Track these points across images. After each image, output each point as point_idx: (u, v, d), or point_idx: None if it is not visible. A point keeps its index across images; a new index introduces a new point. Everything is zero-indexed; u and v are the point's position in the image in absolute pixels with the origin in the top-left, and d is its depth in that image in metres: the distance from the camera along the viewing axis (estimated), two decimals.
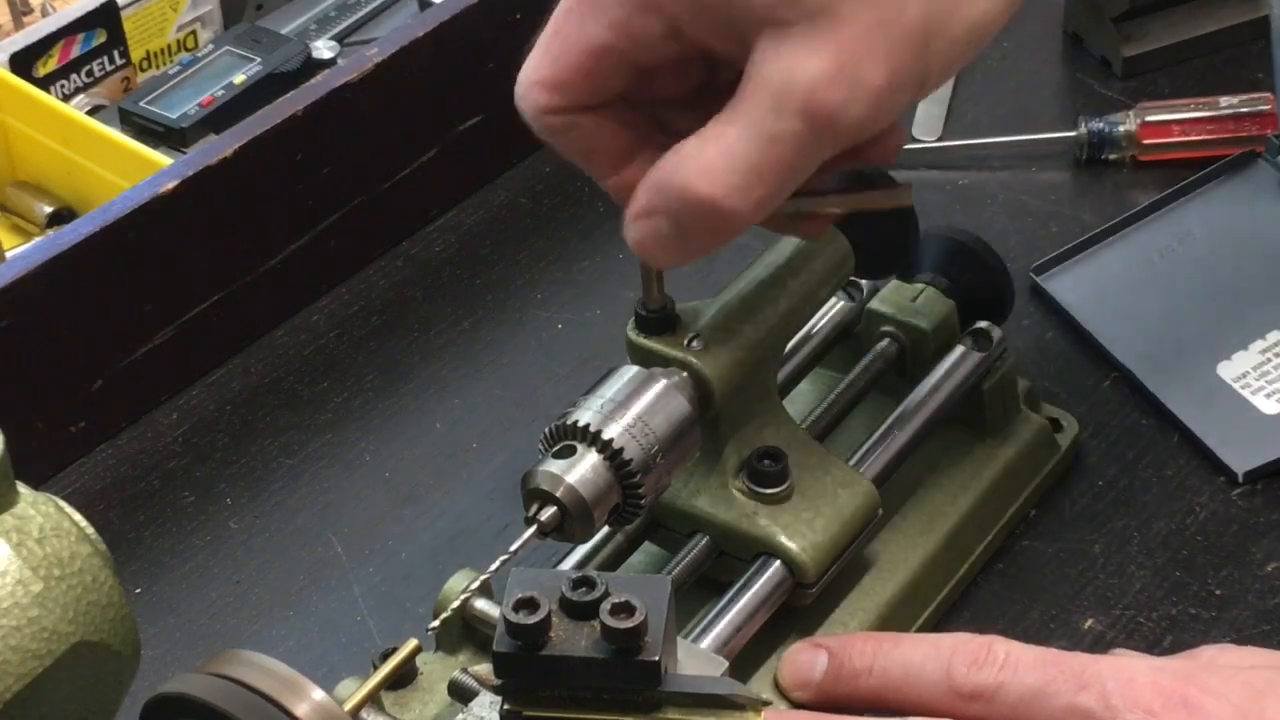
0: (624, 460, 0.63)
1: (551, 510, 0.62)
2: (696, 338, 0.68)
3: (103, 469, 0.85)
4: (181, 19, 1.06)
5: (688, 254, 0.63)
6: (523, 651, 0.59)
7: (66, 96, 1.01)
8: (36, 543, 0.54)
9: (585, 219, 0.96)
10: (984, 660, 0.64)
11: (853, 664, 0.66)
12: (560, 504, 0.62)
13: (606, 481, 0.63)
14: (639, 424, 0.64)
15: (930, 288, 0.78)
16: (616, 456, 0.63)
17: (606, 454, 0.63)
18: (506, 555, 0.63)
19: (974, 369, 0.76)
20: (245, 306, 0.89)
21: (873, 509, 0.71)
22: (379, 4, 1.11)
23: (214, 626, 0.77)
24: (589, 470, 0.63)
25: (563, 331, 0.90)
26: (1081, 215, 0.91)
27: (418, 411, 0.87)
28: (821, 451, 0.71)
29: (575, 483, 0.62)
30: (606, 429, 0.63)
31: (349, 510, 0.82)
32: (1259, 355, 0.83)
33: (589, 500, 0.62)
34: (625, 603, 0.59)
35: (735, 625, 0.67)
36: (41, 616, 0.53)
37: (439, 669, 0.68)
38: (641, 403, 0.65)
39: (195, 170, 0.85)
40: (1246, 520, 0.78)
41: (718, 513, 0.69)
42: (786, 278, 0.70)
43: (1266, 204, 0.90)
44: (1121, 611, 0.75)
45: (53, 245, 0.81)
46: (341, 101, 0.89)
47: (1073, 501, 0.79)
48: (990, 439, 0.77)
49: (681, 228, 0.61)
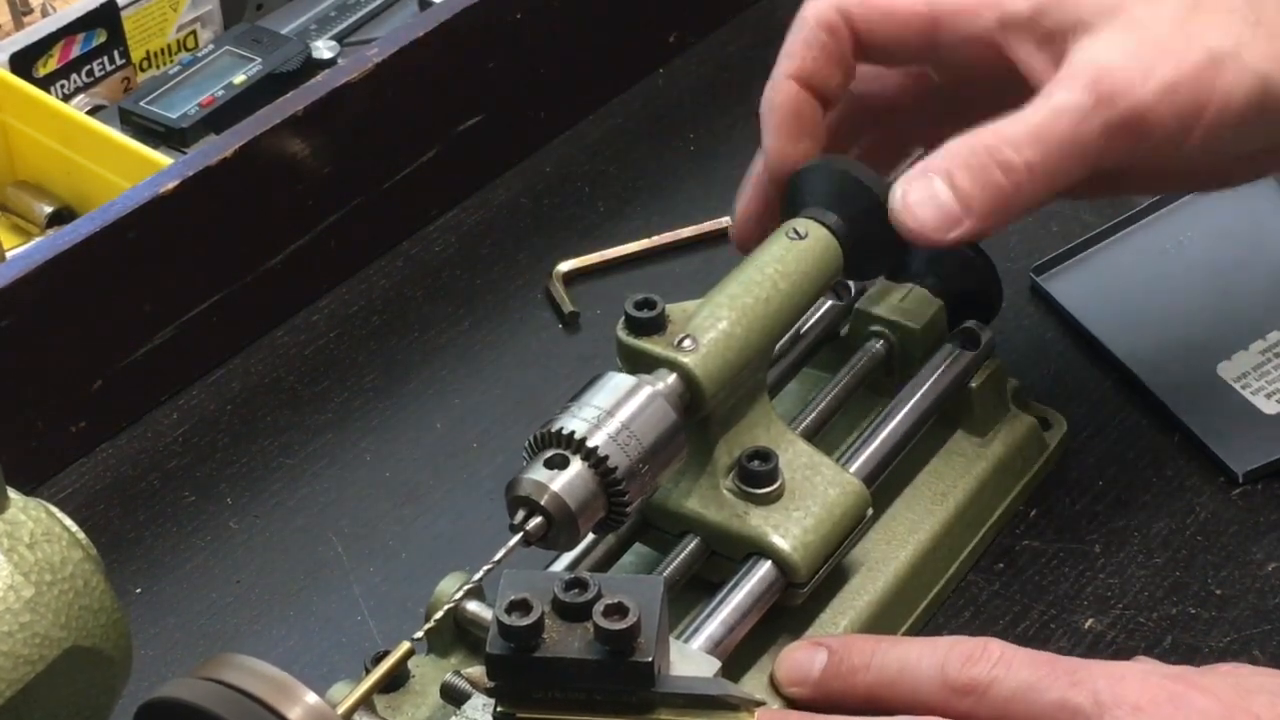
0: (610, 469, 0.63)
1: (537, 520, 0.62)
2: (686, 338, 0.68)
3: (103, 469, 0.85)
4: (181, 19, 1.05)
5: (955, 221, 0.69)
6: (516, 653, 0.59)
7: (66, 96, 1.00)
8: (28, 548, 0.54)
9: (585, 219, 0.96)
10: (979, 657, 0.64)
11: (851, 661, 0.67)
12: (546, 512, 0.62)
13: (592, 490, 0.63)
14: (625, 432, 0.64)
15: (918, 287, 0.78)
16: (602, 465, 0.63)
17: (592, 462, 0.63)
18: (490, 565, 0.63)
19: (962, 368, 0.76)
20: (245, 306, 0.89)
21: (863, 508, 0.71)
22: (379, 4, 1.10)
23: (214, 626, 0.77)
24: (575, 479, 0.63)
25: (563, 331, 0.90)
26: (1081, 215, 0.91)
27: (418, 411, 0.87)
28: (811, 451, 0.71)
29: (560, 491, 0.62)
30: (592, 437, 0.63)
31: (349, 510, 0.82)
32: (1259, 355, 0.83)
33: (574, 509, 0.62)
34: (618, 604, 0.59)
35: (727, 625, 0.67)
36: (33, 622, 0.53)
37: (431, 671, 0.68)
38: (627, 410, 0.65)
39: (195, 170, 0.85)
40: (1246, 520, 0.78)
41: (708, 513, 0.69)
42: (775, 278, 0.70)
43: (1266, 204, 0.89)
44: (1121, 611, 0.75)
45: (53, 245, 0.81)
46: (341, 101, 0.89)
47: (1072, 501, 0.79)
48: (979, 437, 0.78)
49: (963, 186, 0.69)
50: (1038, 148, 0.68)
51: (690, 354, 0.67)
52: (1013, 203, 0.69)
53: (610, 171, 0.99)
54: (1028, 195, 0.69)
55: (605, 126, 1.02)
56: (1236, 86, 0.68)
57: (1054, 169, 0.69)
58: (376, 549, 0.80)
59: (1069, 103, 0.68)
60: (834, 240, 0.72)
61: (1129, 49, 0.68)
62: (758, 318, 0.69)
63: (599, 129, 1.02)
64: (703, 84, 1.04)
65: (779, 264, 0.71)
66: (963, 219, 0.69)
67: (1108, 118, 0.68)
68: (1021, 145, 0.68)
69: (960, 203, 0.69)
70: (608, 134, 1.01)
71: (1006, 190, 0.69)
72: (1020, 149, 0.68)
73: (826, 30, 0.73)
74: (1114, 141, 0.68)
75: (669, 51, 1.05)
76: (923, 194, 0.69)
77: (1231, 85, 0.68)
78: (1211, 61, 0.68)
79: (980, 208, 0.69)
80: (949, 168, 0.69)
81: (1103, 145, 0.68)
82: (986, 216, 0.69)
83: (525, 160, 1.00)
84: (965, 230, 0.69)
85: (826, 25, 0.73)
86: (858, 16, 0.73)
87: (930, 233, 0.69)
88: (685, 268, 0.93)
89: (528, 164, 1.00)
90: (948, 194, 0.69)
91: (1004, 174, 0.68)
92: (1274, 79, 0.68)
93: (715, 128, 1.01)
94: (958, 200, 0.69)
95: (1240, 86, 0.68)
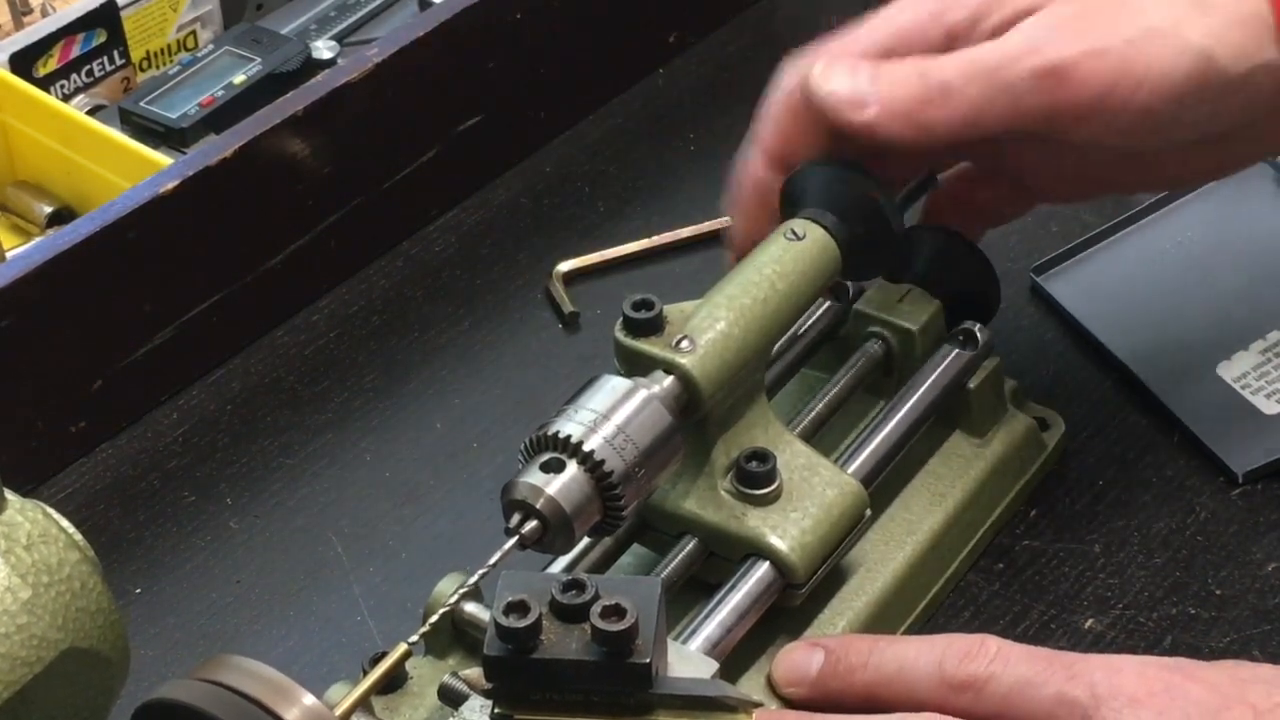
0: (605, 472, 0.63)
1: (533, 524, 0.62)
2: (684, 339, 0.68)
3: (103, 469, 0.85)
4: (181, 19, 1.05)
5: (862, 103, 0.71)
6: (513, 655, 0.59)
7: (66, 96, 1.00)
8: (25, 549, 0.54)
9: (585, 219, 0.96)
10: (976, 653, 0.65)
11: (849, 660, 0.67)
12: (541, 516, 0.62)
13: (587, 494, 0.63)
14: (620, 435, 0.64)
15: (917, 288, 0.78)
16: (598, 469, 0.63)
17: (588, 466, 0.63)
18: (486, 568, 0.63)
19: (961, 369, 0.76)
20: (245, 306, 0.89)
21: (861, 509, 0.71)
22: (379, 4, 1.10)
23: (214, 626, 0.77)
24: (570, 482, 0.63)
25: (563, 331, 0.90)
26: (1081, 215, 0.91)
27: (418, 411, 0.87)
28: (809, 452, 0.71)
29: (556, 495, 0.62)
30: (588, 441, 0.63)
31: (349, 510, 0.82)
32: (1259, 355, 0.83)
33: (570, 512, 0.62)
34: (616, 605, 0.59)
35: (725, 626, 0.67)
36: (31, 623, 0.53)
37: (429, 673, 0.68)
38: (623, 414, 0.64)
39: (195, 170, 0.85)
40: (1246, 520, 0.78)
41: (706, 514, 0.69)
42: (774, 279, 0.70)
43: (1266, 204, 0.89)
44: (1121, 611, 0.75)
45: (53, 245, 0.81)
46: (341, 101, 0.89)
47: (1073, 501, 0.79)
48: (977, 438, 0.78)
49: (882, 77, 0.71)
50: (962, 71, 0.70)
51: (688, 355, 0.67)
52: (926, 113, 0.70)
53: (610, 171, 0.99)
54: (944, 113, 0.70)
55: (605, 126, 1.02)
56: (1177, 60, 0.69)
57: (973, 96, 0.70)
58: (376, 549, 0.80)
59: (999, 46, 0.70)
60: (832, 241, 0.72)
61: (1067, 17, 0.70)
62: (756, 319, 0.69)
63: (599, 129, 1.02)
64: (703, 84, 1.04)
65: (777, 265, 0.71)
66: (869, 104, 0.70)
67: (1034, 65, 0.69)
68: (946, 64, 0.70)
69: (872, 87, 0.71)
70: (608, 134, 1.01)
71: (919, 95, 0.70)
72: (944, 66, 0.70)
73: (790, 112, 0.74)
74: (1038, 91, 0.69)
75: (669, 51, 1.05)
76: (842, 70, 0.71)
77: (1170, 58, 0.69)
78: (1149, 35, 0.69)
79: (889, 99, 0.70)
80: (878, 65, 0.71)
81: (1024, 90, 0.69)
82: (895, 115, 0.70)
83: (525, 160, 1.00)
84: (870, 116, 0.70)
85: (791, 107, 0.74)
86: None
87: (835, 103, 0.71)
88: (685, 268, 0.93)
89: (528, 164, 1.00)
90: (865, 76, 0.71)
91: (921, 80, 0.70)
92: (1214, 54, 0.69)
93: (715, 128, 1.01)
94: (873, 84, 0.71)
95: (1180, 60, 0.68)
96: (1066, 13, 0.70)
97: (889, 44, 0.73)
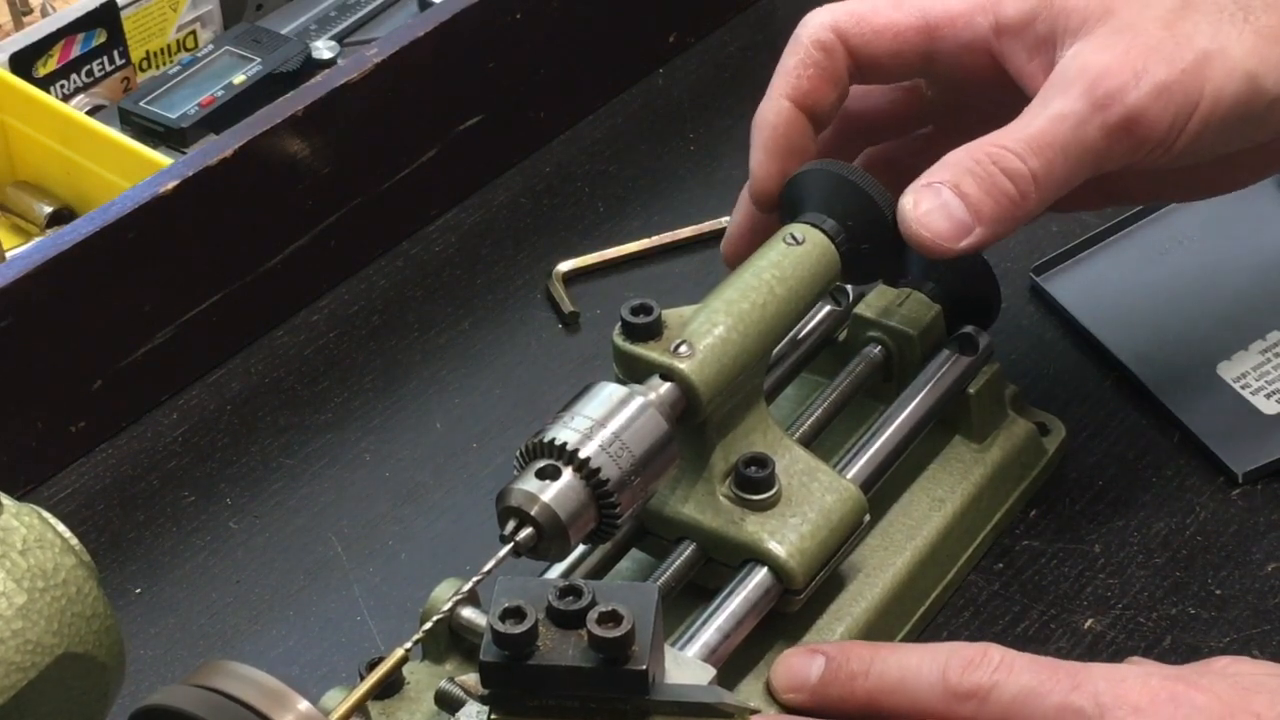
0: (601, 480, 0.63)
1: (528, 531, 0.62)
2: (683, 344, 0.68)
3: (103, 469, 0.85)
4: (181, 19, 1.05)
5: (966, 230, 0.70)
6: (509, 661, 0.59)
7: (66, 96, 1.00)
8: (20, 554, 0.54)
9: (585, 219, 0.96)
10: (979, 662, 0.65)
11: (850, 667, 0.67)
12: (536, 523, 0.62)
13: (583, 501, 0.63)
14: (616, 442, 0.64)
15: (916, 292, 0.78)
16: (594, 476, 0.63)
17: (583, 473, 0.63)
18: (481, 575, 0.63)
19: (960, 373, 0.76)
20: (245, 306, 0.89)
21: (860, 514, 0.71)
22: (379, 4, 1.10)
23: (214, 626, 0.78)
24: (565, 490, 0.63)
25: (563, 331, 0.90)
26: (1081, 215, 0.91)
27: (418, 411, 0.87)
28: (808, 457, 0.71)
29: (551, 502, 0.62)
30: (584, 448, 0.63)
31: (349, 510, 0.82)
32: (1259, 355, 0.83)
33: (565, 520, 0.62)
34: (612, 611, 0.59)
35: (723, 632, 0.67)
36: (26, 629, 0.53)
37: (426, 678, 0.68)
38: (619, 420, 0.64)
39: (195, 170, 0.85)
40: (1246, 520, 0.78)
41: (704, 519, 0.69)
42: (773, 283, 0.70)
43: (1266, 204, 0.89)
44: (1121, 611, 0.75)
45: (53, 245, 0.81)
46: (341, 101, 0.89)
47: (1072, 501, 0.79)
48: (977, 443, 0.77)
49: (971, 195, 0.69)
50: (1041, 155, 0.69)
51: (686, 360, 0.67)
52: (1020, 209, 0.69)
53: (610, 171, 0.99)
54: (1034, 202, 0.69)
55: (605, 126, 1.02)
56: (1226, 85, 0.69)
57: (1058, 175, 0.69)
58: (376, 549, 0.80)
59: (1067, 109, 0.69)
60: (831, 245, 0.72)
61: (1119, 51, 0.69)
62: (754, 323, 0.69)
63: (599, 129, 1.02)
64: (703, 84, 1.04)
65: (776, 269, 0.71)
66: (973, 227, 0.69)
67: (1105, 121, 0.68)
68: (1025, 153, 0.69)
69: (970, 211, 0.69)
70: (608, 134, 1.01)
71: (1014, 197, 0.69)
72: (1024, 156, 0.69)
73: (822, 50, 0.74)
74: (1113, 145, 0.69)
75: (669, 51, 1.05)
76: (932, 204, 0.70)
77: (1221, 84, 0.69)
78: (1201, 61, 0.68)
79: (990, 215, 0.69)
80: (955, 178, 0.69)
81: (1103, 149, 0.69)
82: (996, 224, 0.69)
83: (525, 160, 1.00)
84: (976, 239, 0.69)
85: (822, 45, 0.74)
86: (853, 34, 0.74)
87: (944, 242, 0.70)
88: (685, 268, 0.93)
89: (528, 164, 1.00)
90: (957, 203, 0.69)
91: (1011, 181, 0.69)
92: (1260, 77, 0.69)
93: (715, 128, 1.01)
94: (968, 209, 0.69)
95: (1229, 85, 0.69)
96: (1120, 42, 0.69)
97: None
